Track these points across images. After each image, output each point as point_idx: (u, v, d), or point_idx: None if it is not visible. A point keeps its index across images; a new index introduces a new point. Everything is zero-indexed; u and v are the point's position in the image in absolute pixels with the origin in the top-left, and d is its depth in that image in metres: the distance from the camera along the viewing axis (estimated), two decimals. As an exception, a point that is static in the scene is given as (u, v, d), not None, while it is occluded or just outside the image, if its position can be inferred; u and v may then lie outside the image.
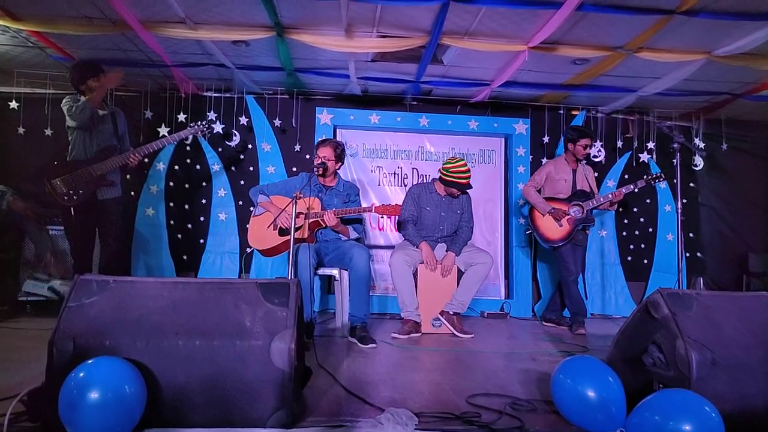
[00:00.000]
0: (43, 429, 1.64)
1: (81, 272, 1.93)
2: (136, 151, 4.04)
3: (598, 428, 1.75)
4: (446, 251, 4.14)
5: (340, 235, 3.92)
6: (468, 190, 4.16)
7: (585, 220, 4.44)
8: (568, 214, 4.44)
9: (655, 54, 4.14)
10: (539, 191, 4.69)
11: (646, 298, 2.12)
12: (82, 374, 1.55)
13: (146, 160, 4.17)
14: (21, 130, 5.07)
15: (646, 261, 5.76)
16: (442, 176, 4.11)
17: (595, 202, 4.46)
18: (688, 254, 5.73)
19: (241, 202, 5.37)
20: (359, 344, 3.51)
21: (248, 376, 1.74)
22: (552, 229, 4.47)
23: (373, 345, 3.51)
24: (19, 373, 2.40)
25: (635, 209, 5.78)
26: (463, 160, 4.10)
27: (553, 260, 5.42)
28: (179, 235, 5.36)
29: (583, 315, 4.38)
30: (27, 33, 4.08)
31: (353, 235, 3.96)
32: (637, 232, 5.79)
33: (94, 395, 1.50)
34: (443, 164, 4.14)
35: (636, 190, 4.51)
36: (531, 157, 5.66)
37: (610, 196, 4.46)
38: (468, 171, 4.05)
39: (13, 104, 5.02)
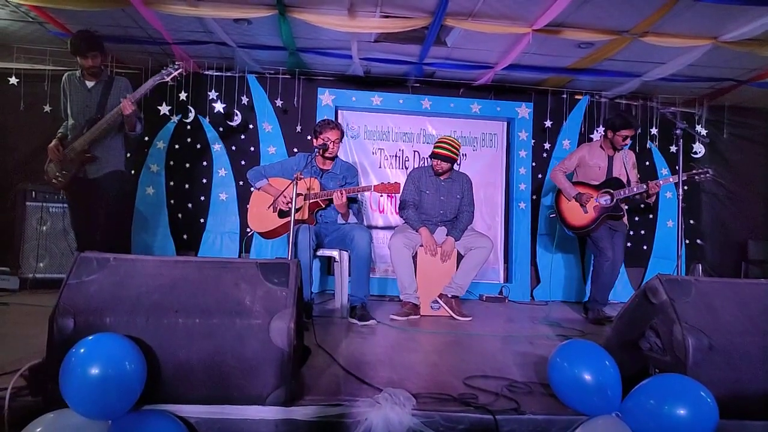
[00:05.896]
0: (43, 403, 1.65)
1: (81, 251, 1.93)
2: (126, 101, 3.62)
3: (593, 411, 1.76)
4: (446, 236, 4.14)
5: (340, 216, 3.92)
6: (453, 164, 4.17)
7: (614, 209, 4.15)
8: (596, 202, 4.21)
9: (660, 39, 4.10)
10: (572, 176, 4.48)
11: (644, 283, 2.13)
12: (82, 350, 1.56)
13: (138, 106, 3.75)
14: (21, 106, 5.04)
15: (645, 247, 5.76)
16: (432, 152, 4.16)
17: (627, 191, 4.15)
18: (687, 241, 5.73)
19: (241, 182, 5.36)
20: (359, 322, 3.55)
21: (248, 354, 1.75)
22: (576, 215, 4.26)
23: (373, 321, 3.58)
24: (19, 349, 2.41)
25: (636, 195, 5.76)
26: (451, 138, 4.15)
27: (566, 246, 5.43)
28: (179, 215, 5.37)
29: (603, 304, 4.24)
30: (26, 7, 4.03)
31: (352, 219, 3.96)
32: (637, 218, 5.78)
33: (94, 371, 1.51)
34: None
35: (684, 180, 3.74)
36: (533, 141, 5.63)
37: (644, 186, 4.11)
38: (448, 144, 4.05)
39: (13, 80, 4.99)
